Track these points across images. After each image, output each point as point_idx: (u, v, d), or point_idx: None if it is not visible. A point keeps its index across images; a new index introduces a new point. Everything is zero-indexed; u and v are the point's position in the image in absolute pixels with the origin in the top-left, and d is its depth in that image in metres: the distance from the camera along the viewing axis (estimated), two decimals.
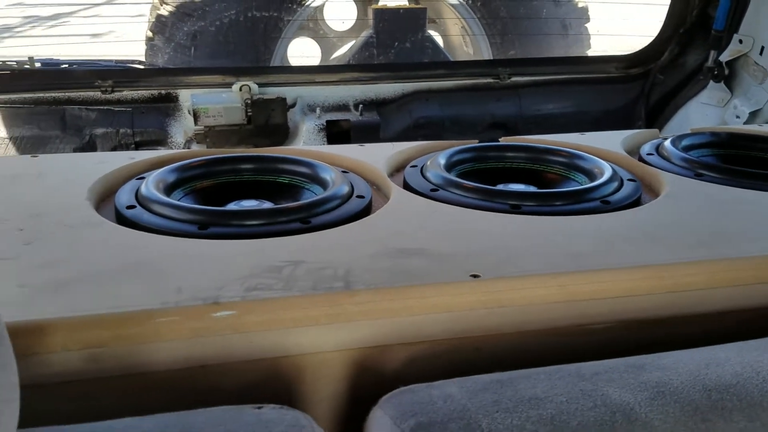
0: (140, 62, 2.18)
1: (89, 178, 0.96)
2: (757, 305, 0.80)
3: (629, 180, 1.04)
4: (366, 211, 0.94)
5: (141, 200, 0.90)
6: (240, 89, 1.87)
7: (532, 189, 1.07)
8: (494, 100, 1.98)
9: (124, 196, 0.92)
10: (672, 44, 2.07)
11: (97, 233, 0.80)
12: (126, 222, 0.85)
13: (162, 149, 1.77)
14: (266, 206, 0.99)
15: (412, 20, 2.27)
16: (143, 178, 0.98)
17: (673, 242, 0.82)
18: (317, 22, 2.52)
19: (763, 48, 1.85)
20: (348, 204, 0.94)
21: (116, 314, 0.63)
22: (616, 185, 1.00)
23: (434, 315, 0.72)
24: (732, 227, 0.87)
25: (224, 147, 1.81)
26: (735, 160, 1.20)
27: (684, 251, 0.80)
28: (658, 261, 0.78)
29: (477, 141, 1.20)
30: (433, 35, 2.44)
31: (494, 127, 2.00)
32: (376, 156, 1.13)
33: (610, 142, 1.22)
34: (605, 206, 0.94)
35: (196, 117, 1.79)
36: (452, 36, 2.67)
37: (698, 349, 0.64)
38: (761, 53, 1.86)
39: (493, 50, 2.56)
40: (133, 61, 2.16)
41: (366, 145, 1.23)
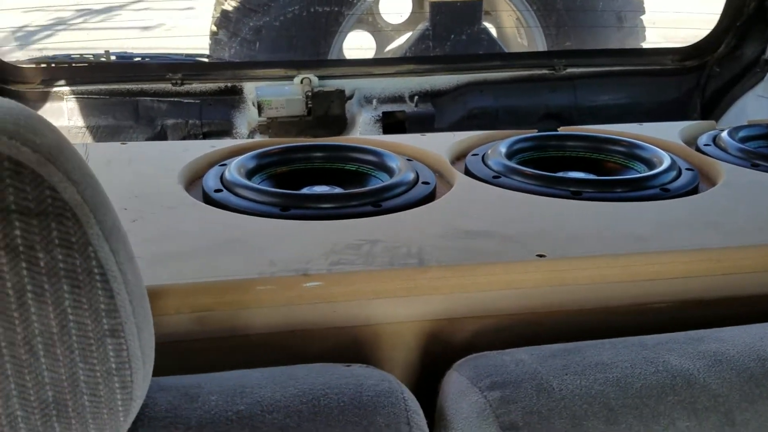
0: (205, 55, 2.28)
1: (177, 164, 1.05)
2: None
3: (687, 169, 1.08)
4: (431, 197, 1.00)
5: (226, 184, 0.98)
6: (301, 82, 1.94)
7: (592, 176, 1.11)
8: (549, 91, 2.01)
9: (211, 181, 1.00)
10: (729, 37, 2.07)
11: (193, 213, 0.89)
12: (214, 204, 0.93)
13: (228, 139, 1.86)
14: (338, 191, 1.06)
15: (469, 13, 2.31)
16: (225, 165, 1.06)
17: (730, 228, 0.86)
18: (374, 16, 2.57)
19: None
20: (414, 189, 1.00)
21: (222, 282, 0.71)
22: (675, 174, 1.04)
23: (501, 291, 0.78)
24: None
25: (285, 137, 1.88)
26: None
27: (740, 236, 0.84)
28: (715, 245, 0.82)
29: (536, 130, 1.25)
30: (488, 27, 2.48)
31: (548, 118, 2.02)
32: (438, 145, 1.19)
33: (668, 133, 1.25)
34: (664, 194, 0.98)
35: (260, 108, 1.86)
36: (506, 28, 2.70)
37: (753, 325, 0.68)
38: None
39: (548, 42, 2.58)
40: (199, 55, 2.26)
41: (427, 135, 1.29)
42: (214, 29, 2.28)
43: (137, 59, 2.10)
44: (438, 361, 0.70)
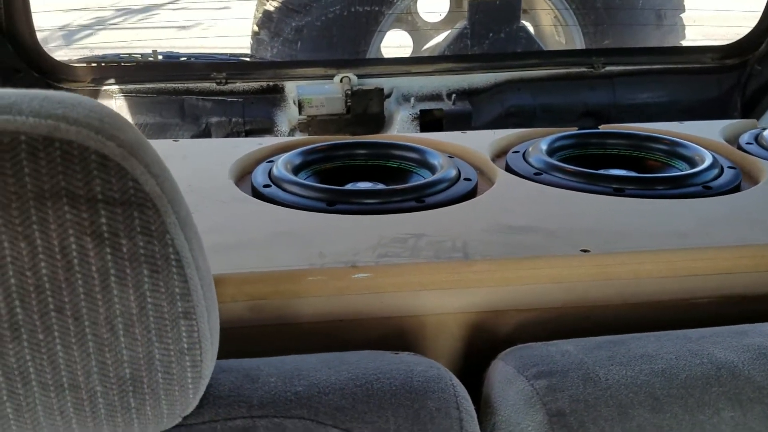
0: (246, 55, 2.33)
1: (227, 161, 1.08)
2: None
3: (729, 167, 1.08)
4: (473, 193, 1.02)
5: (274, 180, 1.01)
6: (341, 80, 1.97)
7: (634, 174, 1.12)
8: (587, 89, 2.00)
9: (260, 177, 1.03)
10: None
11: (245, 207, 0.92)
12: (264, 198, 0.96)
13: (269, 137, 1.90)
14: (381, 187, 1.08)
15: (507, 11, 2.32)
16: (272, 161, 1.09)
17: None
18: (412, 15, 2.60)
19: None
20: (457, 186, 1.02)
21: (276, 272, 0.74)
22: (717, 172, 1.04)
23: (545, 285, 0.79)
24: None
25: (325, 135, 1.91)
26: None
27: None
28: (758, 241, 0.82)
29: (576, 128, 1.26)
30: (526, 25, 2.48)
31: (586, 116, 2.02)
32: (479, 142, 1.20)
33: (709, 131, 1.25)
34: (706, 191, 0.98)
35: (301, 107, 1.90)
36: (544, 26, 2.70)
37: None
38: None
39: (587, 40, 2.57)
40: (242, 54, 2.31)
41: (468, 133, 1.31)
42: (256, 29, 2.32)
43: (183, 59, 2.16)
44: (481, 352, 0.72)
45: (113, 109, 0.46)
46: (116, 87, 1.79)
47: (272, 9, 2.25)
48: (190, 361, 0.47)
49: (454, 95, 2.11)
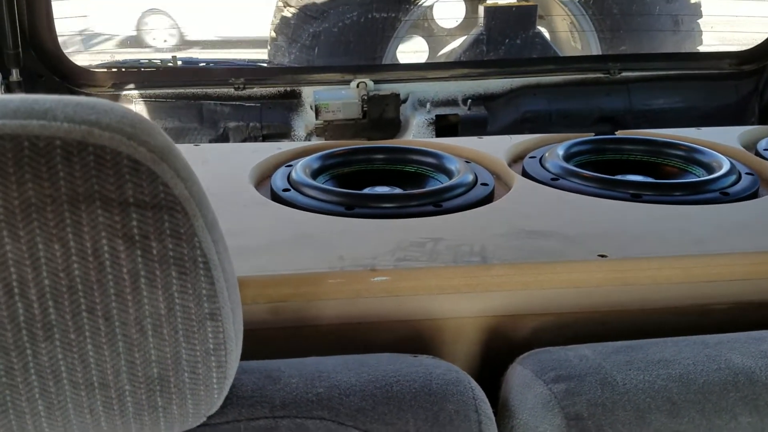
0: (264, 61, 2.35)
1: (247, 165, 1.10)
2: None
3: (747, 173, 1.08)
4: (490, 198, 1.02)
5: (293, 184, 1.03)
6: (357, 86, 1.98)
7: (651, 180, 1.12)
8: (603, 95, 2.00)
9: (279, 181, 1.05)
10: None
11: (265, 211, 0.94)
12: (283, 202, 0.98)
13: (286, 141, 1.91)
14: (398, 191, 1.09)
15: (523, 17, 2.32)
16: (290, 166, 1.11)
17: None
18: (428, 21, 2.61)
19: None
20: (474, 190, 1.03)
21: (296, 275, 0.75)
22: (735, 178, 1.04)
23: (563, 290, 0.80)
24: None
25: (341, 140, 1.92)
26: None
27: None
28: None
29: (593, 134, 1.26)
30: (542, 31, 2.48)
31: (602, 122, 2.02)
32: (495, 147, 1.21)
33: (727, 137, 1.25)
34: (724, 197, 0.98)
35: (318, 112, 1.92)
36: (560, 32, 2.70)
37: None
38: None
39: (603, 46, 2.57)
40: (260, 60, 2.33)
41: (484, 138, 1.32)
42: (274, 35, 2.34)
43: (202, 65, 2.18)
44: (499, 356, 0.73)
45: (144, 116, 0.47)
46: (136, 92, 1.82)
47: (290, 15, 2.27)
48: (216, 362, 0.49)
49: (470, 100, 2.12)
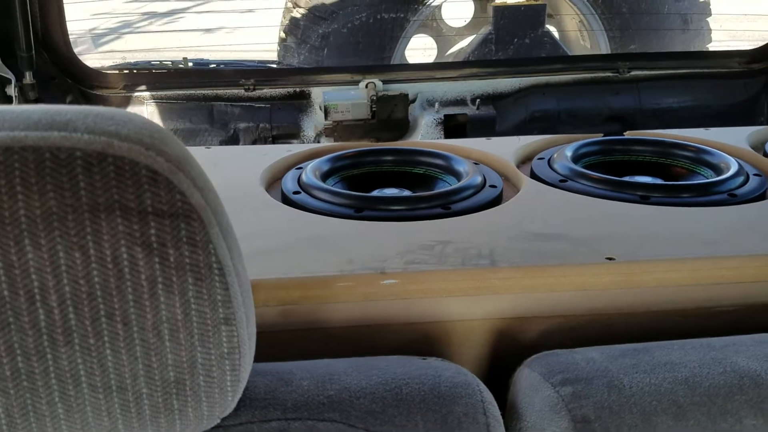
0: (274, 62, 2.36)
1: (258, 168, 1.11)
2: None
3: (755, 175, 1.08)
4: (498, 200, 1.03)
5: (303, 187, 1.04)
6: (366, 86, 1.99)
7: (660, 181, 1.12)
8: (612, 94, 2.00)
9: (289, 183, 1.06)
10: None
11: (276, 213, 0.95)
12: (293, 205, 0.99)
13: (295, 142, 1.92)
14: (407, 194, 1.10)
15: (532, 17, 2.32)
16: (301, 168, 1.12)
17: None
18: (437, 21, 2.62)
19: None
20: (482, 193, 1.03)
21: (306, 278, 0.76)
22: (743, 179, 1.04)
23: (571, 292, 0.81)
24: None
25: (350, 140, 1.93)
26: None
27: None
28: None
29: (602, 135, 1.26)
30: (551, 30, 2.48)
31: (611, 121, 2.02)
32: (504, 149, 1.21)
33: (735, 138, 1.25)
34: (732, 199, 0.99)
35: (327, 113, 1.93)
36: (569, 31, 2.70)
37: None
38: None
39: (612, 45, 2.57)
40: (270, 61, 2.34)
41: (492, 139, 1.32)
42: (283, 36, 2.35)
43: (212, 66, 2.20)
44: (507, 358, 0.73)
45: (162, 126, 0.48)
46: (147, 93, 1.83)
47: (299, 16, 2.28)
48: (230, 365, 0.50)
49: (479, 100, 2.12)
